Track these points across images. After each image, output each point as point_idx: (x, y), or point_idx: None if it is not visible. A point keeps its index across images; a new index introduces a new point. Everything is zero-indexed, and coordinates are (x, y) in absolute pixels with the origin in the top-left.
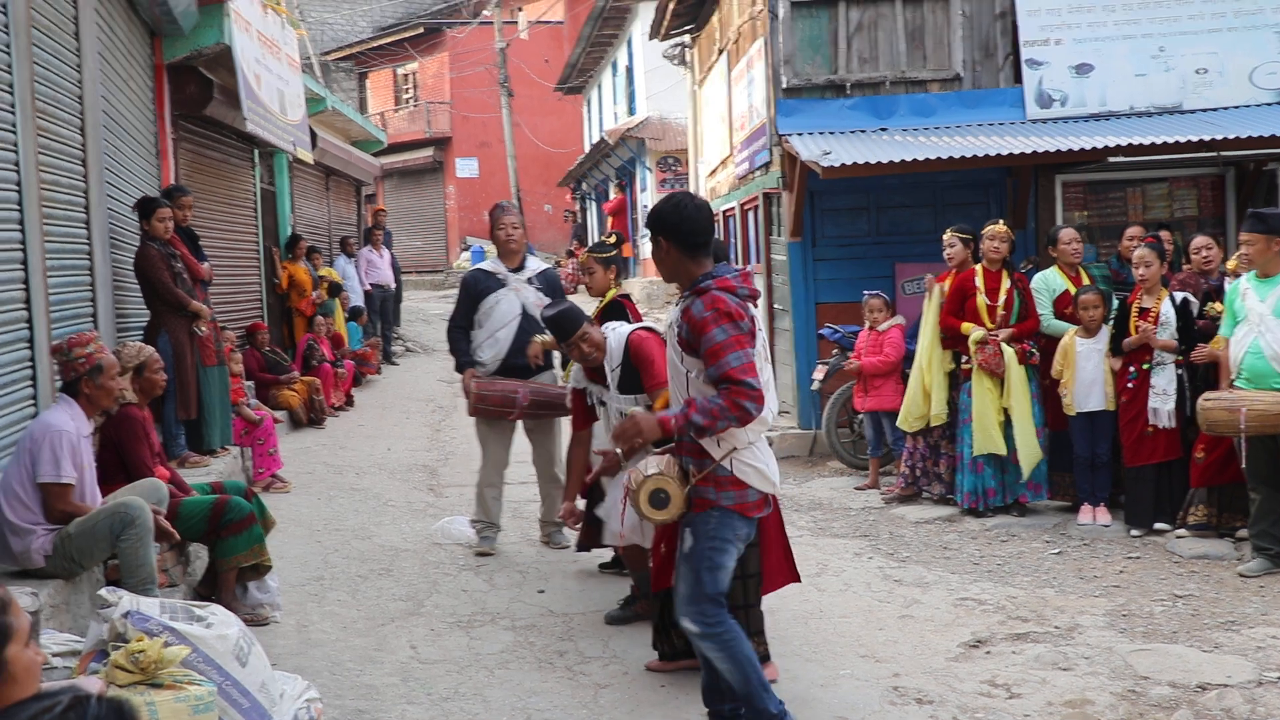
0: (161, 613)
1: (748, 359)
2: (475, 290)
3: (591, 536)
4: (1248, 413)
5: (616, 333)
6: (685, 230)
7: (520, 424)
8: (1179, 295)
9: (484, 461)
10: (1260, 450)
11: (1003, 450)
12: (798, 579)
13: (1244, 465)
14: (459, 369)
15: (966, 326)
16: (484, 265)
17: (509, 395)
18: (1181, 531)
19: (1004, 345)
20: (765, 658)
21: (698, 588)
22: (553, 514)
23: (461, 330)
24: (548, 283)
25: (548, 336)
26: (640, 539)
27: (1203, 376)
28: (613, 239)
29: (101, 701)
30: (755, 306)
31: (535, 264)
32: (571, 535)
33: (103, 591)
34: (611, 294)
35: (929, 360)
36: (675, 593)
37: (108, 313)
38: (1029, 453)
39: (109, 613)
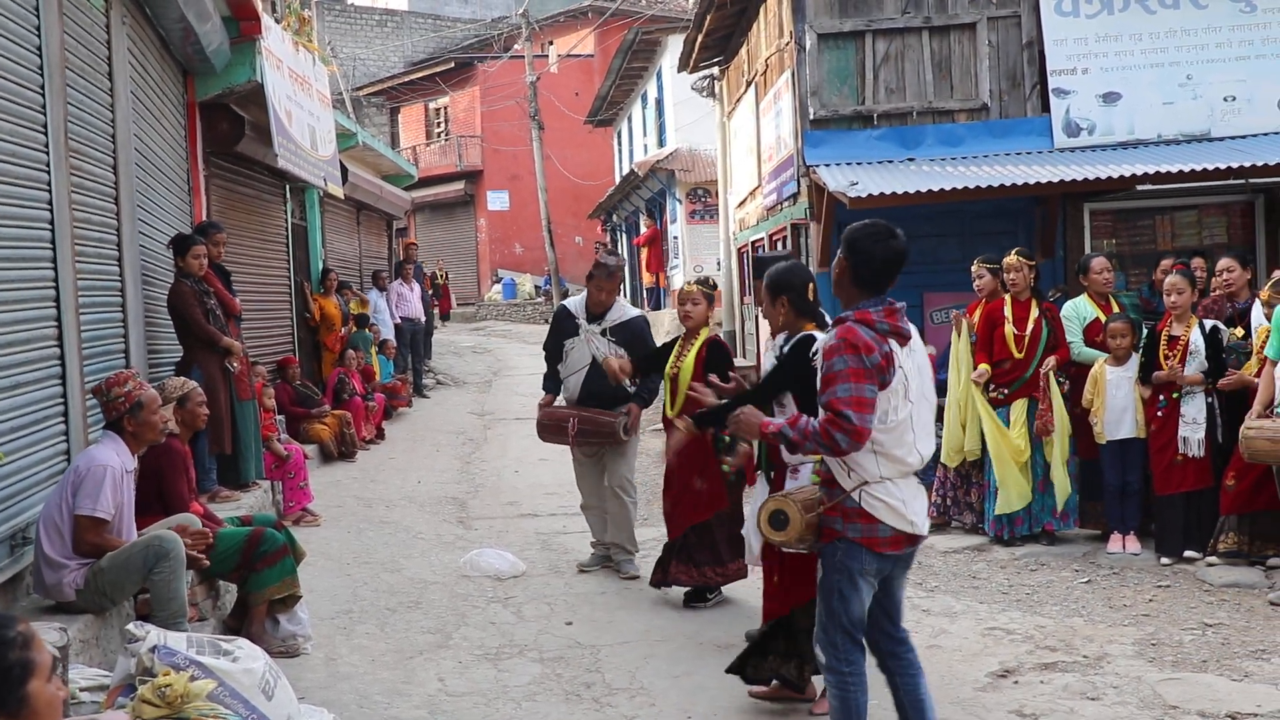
0: (188, 647)
1: (857, 393)
2: (559, 329)
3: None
4: None
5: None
6: (865, 261)
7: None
8: (1209, 323)
9: (581, 489)
10: None
11: (1028, 497)
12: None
13: None
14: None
15: (983, 368)
16: (570, 304)
17: (562, 423)
18: (1212, 559)
19: (1052, 383)
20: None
21: (827, 618)
22: (618, 536)
23: (551, 357)
24: (629, 333)
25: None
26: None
27: (1233, 404)
28: (712, 282)
29: None
30: (903, 344)
31: (618, 313)
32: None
33: (130, 626)
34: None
35: (965, 396)
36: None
37: (140, 349)
38: (1061, 486)
39: (136, 647)
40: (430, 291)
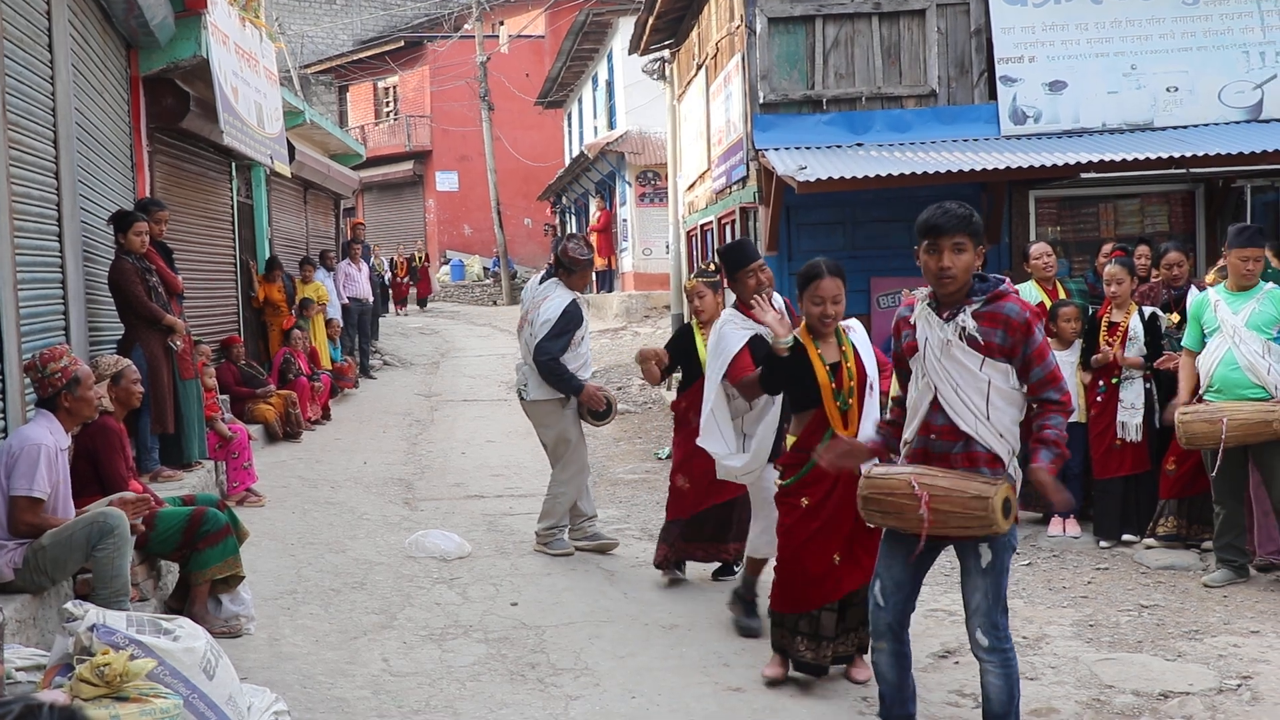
0: (128, 626)
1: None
2: (579, 320)
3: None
4: (1229, 423)
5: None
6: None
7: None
8: (1148, 310)
9: (579, 466)
10: (1232, 465)
11: None
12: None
13: (1212, 476)
14: (578, 390)
15: None
16: (577, 299)
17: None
18: (1150, 542)
19: None
20: (863, 649)
21: (999, 601)
22: (593, 508)
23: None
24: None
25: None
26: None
27: (1170, 390)
28: (712, 266)
29: (54, 709)
30: None
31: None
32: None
33: (69, 605)
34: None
35: None
36: (969, 607)
37: (80, 326)
38: None
39: (74, 626)
40: (405, 276)
